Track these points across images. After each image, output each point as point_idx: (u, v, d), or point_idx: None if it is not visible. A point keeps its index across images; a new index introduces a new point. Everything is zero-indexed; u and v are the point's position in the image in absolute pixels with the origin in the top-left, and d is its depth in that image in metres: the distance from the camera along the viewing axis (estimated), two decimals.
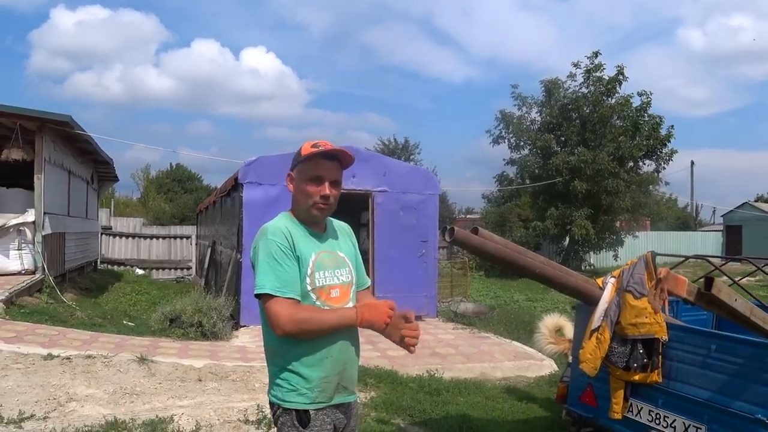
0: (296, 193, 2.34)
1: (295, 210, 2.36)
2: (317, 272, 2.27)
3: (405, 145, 39.62)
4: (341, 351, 2.31)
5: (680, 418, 3.67)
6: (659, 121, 21.53)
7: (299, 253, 2.23)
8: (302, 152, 2.30)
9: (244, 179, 9.65)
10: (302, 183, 2.29)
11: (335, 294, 2.31)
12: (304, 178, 2.29)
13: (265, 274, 2.16)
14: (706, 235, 39.32)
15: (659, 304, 3.57)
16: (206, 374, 6.48)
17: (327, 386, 2.26)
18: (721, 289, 2.59)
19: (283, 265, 2.17)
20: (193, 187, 38.56)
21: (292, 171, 2.35)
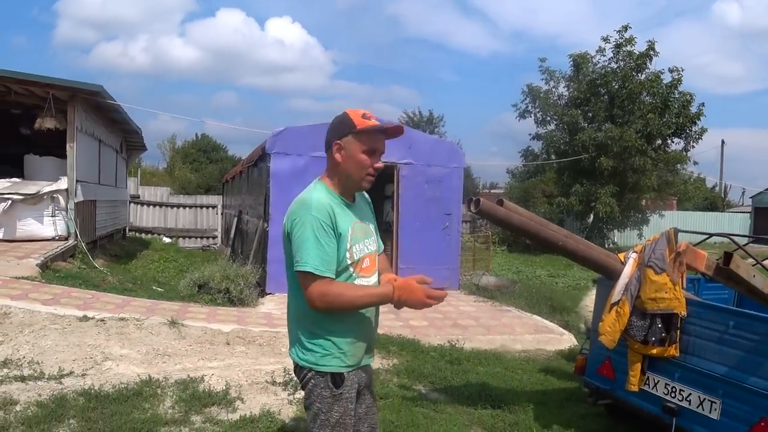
0: (347, 163, 2.34)
1: (338, 179, 2.39)
2: (355, 245, 2.36)
3: (429, 118, 39.47)
4: (371, 317, 2.46)
5: (696, 392, 3.77)
6: (690, 98, 21.11)
7: (340, 229, 2.30)
8: (356, 123, 2.30)
9: (271, 149, 9.79)
10: (358, 154, 2.32)
11: (366, 264, 2.42)
12: (359, 150, 2.32)
13: (308, 251, 2.22)
14: (733, 216, 38.73)
15: (678, 276, 3.64)
16: (234, 338, 6.69)
17: (358, 350, 2.41)
18: (740, 264, 2.65)
19: (324, 246, 2.23)
20: (219, 158, 38.95)
21: (340, 140, 2.33)
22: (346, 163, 2.34)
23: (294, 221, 2.31)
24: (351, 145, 2.32)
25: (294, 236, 2.29)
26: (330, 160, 2.39)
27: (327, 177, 2.42)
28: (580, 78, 22.25)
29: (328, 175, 2.42)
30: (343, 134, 2.33)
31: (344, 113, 2.38)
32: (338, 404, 2.34)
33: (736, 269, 2.60)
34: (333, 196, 2.36)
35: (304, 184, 9.37)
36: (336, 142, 2.34)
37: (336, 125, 2.37)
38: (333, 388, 2.33)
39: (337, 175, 2.39)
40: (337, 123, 2.37)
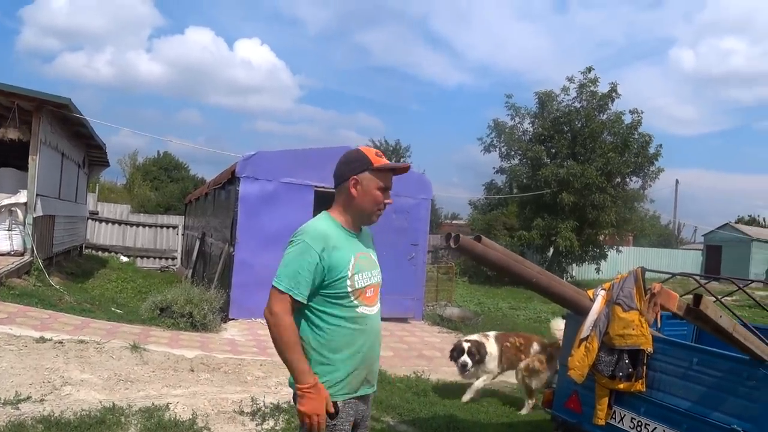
0: (361, 198, 2.43)
1: (352, 213, 2.47)
2: (356, 274, 2.41)
3: (396, 148, 39.78)
4: (372, 347, 2.51)
5: (661, 426, 3.86)
6: (648, 139, 21.89)
7: (336, 257, 2.36)
8: (372, 161, 2.43)
9: (241, 173, 9.76)
10: (373, 190, 2.43)
11: (370, 293, 2.50)
12: (374, 186, 2.43)
13: (286, 270, 2.33)
14: (686, 254, 39.92)
15: (652, 316, 3.76)
16: (198, 365, 6.58)
17: (356, 379, 2.44)
18: (708, 305, 2.77)
19: (302, 270, 2.30)
20: (180, 177, 38.39)
21: (357, 176, 2.42)
22: (361, 198, 2.43)
23: (290, 243, 2.40)
24: (367, 181, 2.42)
25: (283, 256, 2.38)
26: (343, 194, 2.47)
27: (336, 209, 2.50)
28: (544, 115, 22.84)
29: (338, 207, 2.50)
30: (360, 170, 2.42)
31: (358, 150, 2.51)
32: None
33: (705, 310, 2.72)
34: (337, 227, 2.44)
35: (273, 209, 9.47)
36: (353, 177, 2.42)
37: (351, 161, 2.46)
38: (327, 418, 2.34)
39: (350, 209, 2.47)
40: (353, 159, 2.46)
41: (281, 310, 2.30)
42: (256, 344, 8.03)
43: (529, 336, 6.74)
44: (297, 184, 10.03)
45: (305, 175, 10.09)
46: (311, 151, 10.50)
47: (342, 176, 2.46)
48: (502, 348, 6.34)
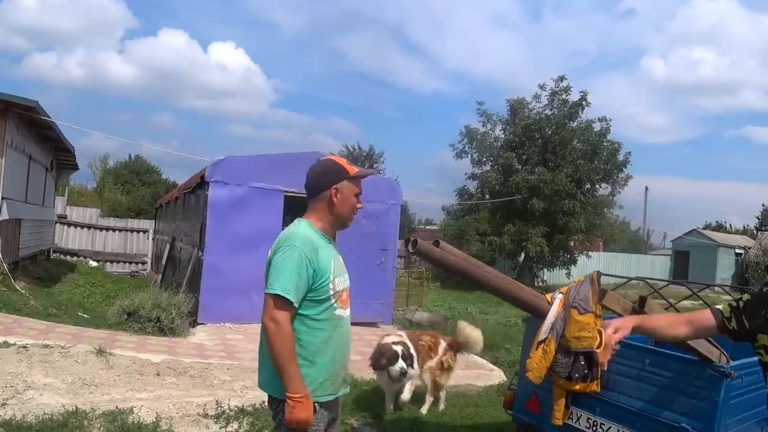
0: (341, 206, 2.59)
1: (329, 219, 2.60)
2: (336, 278, 2.55)
3: (369, 153, 39.88)
4: (347, 347, 2.65)
5: (615, 425, 3.98)
6: (618, 147, 22.34)
7: (322, 262, 2.47)
8: (348, 170, 2.60)
9: (210, 178, 9.74)
10: (351, 197, 2.61)
11: (345, 296, 2.64)
12: (351, 194, 2.61)
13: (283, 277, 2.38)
14: (655, 259, 40.65)
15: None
16: (164, 369, 6.56)
17: (336, 380, 2.56)
18: (653, 307, 2.88)
19: (299, 276, 2.39)
20: (152, 181, 38.06)
21: (337, 185, 2.56)
22: (341, 205, 2.59)
23: (277, 251, 2.46)
24: (346, 189, 2.59)
25: (273, 263, 2.44)
26: (323, 202, 2.59)
27: (314, 216, 2.61)
28: (516, 122, 23.13)
29: (316, 215, 2.61)
30: (339, 179, 2.57)
31: (332, 161, 2.67)
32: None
33: (649, 312, 2.83)
34: (316, 233, 2.56)
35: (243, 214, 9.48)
36: (335, 186, 2.56)
37: (329, 171, 2.60)
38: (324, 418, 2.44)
39: (330, 216, 2.60)
40: (331, 170, 2.60)
41: (283, 318, 2.35)
42: (224, 348, 8.03)
43: (435, 334, 6.58)
44: (267, 189, 10.04)
45: (275, 180, 10.11)
46: (281, 156, 10.52)
47: (321, 186, 2.58)
48: (417, 348, 5.91)
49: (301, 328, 2.45)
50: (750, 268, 29.71)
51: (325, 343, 2.49)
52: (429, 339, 6.18)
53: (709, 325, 2.38)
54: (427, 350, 6.09)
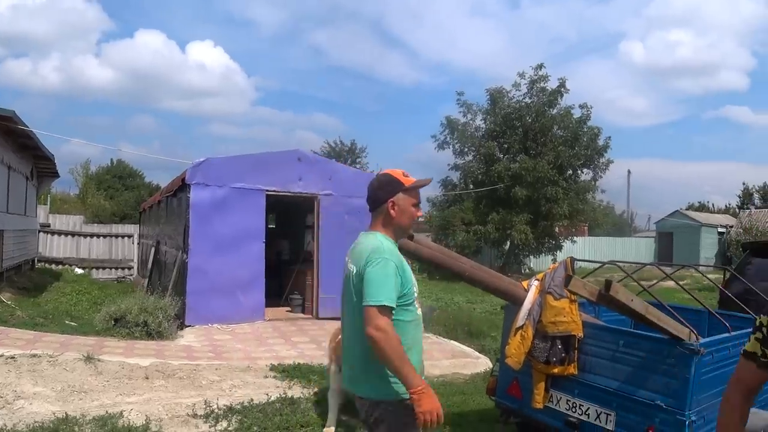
0: (400, 217, 2.74)
1: (393, 229, 2.76)
2: (415, 284, 2.74)
3: (351, 148, 39.90)
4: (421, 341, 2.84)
5: (593, 406, 4.11)
6: (597, 132, 22.54)
7: (406, 270, 2.67)
8: (404, 183, 2.73)
9: (191, 180, 9.76)
10: (409, 207, 2.75)
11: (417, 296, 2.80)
12: (408, 204, 2.75)
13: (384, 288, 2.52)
14: (639, 241, 41.13)
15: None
16: (153, 372, 6.62)
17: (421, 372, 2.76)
18: (618, 290, 2.98)
19: (396, 285, 2.56)
20: (135, 185, 37.85)
21: (393, 198, 2.71)
22: (399, 216, 2.74)
23: (368, 264, 2.58)
24: (402, 201, 2.73)
25: (369, 276, 2.55)
26: (382, 215, 2.75)
27: (381, 228, 2.76)
28: (496, 111, 23.27)
29: (380, 227, 2.76)
30: (394, 192, 2.72)
31: (387, 174, 2.81)
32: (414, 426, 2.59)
33: (615, 295, 2.93)
34: (393, 244, 2.75)
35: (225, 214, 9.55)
36: (390, 200, 2.72)
37: (385, 185, 2.76)
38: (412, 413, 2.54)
39: (391, 227, 2.76)
40: (386, 183, 2.76)
41: (387, 325, 2.48)
42: (212, 349, 8.08)
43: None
44: (248, 189, 10.09)
45: (256, 180, 10.16)
46: (261, 156, 10.57)
47: (379, 200, 2.74)
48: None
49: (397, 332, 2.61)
50: (732, 246, 30.09)
51: (413, 341, 2.68)
52: None
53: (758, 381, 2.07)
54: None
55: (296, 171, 10.56)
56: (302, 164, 10.68)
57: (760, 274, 6.76)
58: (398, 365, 2.47)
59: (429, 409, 2.46)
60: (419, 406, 2.44)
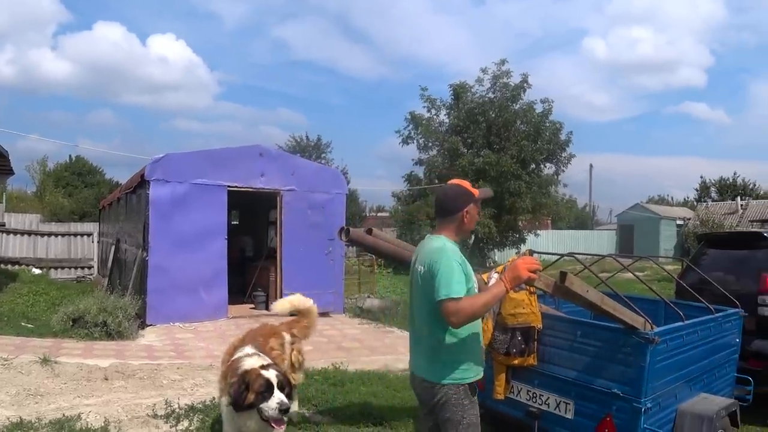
0: (470, 223, 3.14)
1: (458, 234, 3.13)
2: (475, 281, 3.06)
3: (317, 143, 39.67)
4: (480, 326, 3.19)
5: (553, 395, 4.18)
6: (559, 126, 22.81)
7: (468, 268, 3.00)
8: (474, 194, 3.14)
9: (150, 176, 9.58)
10: (475, 216, 3.17)
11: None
12: (475, 212, 3.16)
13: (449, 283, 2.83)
14: (601, 234, 41.89)
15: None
16: (113, 373, 6.49)
17: (481, 359, 3.16)
18: (574, 281, 3.02)
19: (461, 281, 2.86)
20: (95, 181, 37.01)
21: (467, 208, 3.09)
22: (469, 223, 3.14)
23: (434, 264, 2.92)
24: (472, 210, 3.13)
25: (436, 275, 2.87)
26: (455, 222, 3.10)
27: (445, 231, 3.12)
28: (460, 106, 23.36)
29: (449, 231, 3.12)
30: (467, 203, 3.10)
31: (460, 186, 3.17)
32: (474, 408, 3.04)
33: (570, 286, 2.97)
34: (455, 245, 3.07)
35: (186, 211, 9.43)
36: (466, 209, 3.09)
37: (459, 196, 3.12)
38: (471, 396, 3.02)
39: (461, 232, 3.14)
40: (461, 194, 3.13)
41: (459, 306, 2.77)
42: (174, 348, 7.97)
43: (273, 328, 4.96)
44: (210, 185, 9.94)
45: (218, 176, 10.03)
46: (223, 151, 10.43)
47: (454, 209, 3.09)
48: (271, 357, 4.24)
49: None
50: (689, 238, 30.85)
51: (475, 334, 3.07)
52: (275, 341, 4.72)
53: None
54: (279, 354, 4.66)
55: (258, 166, 10.45)
56: (264, 159, 10.57)
57: (714, 264, 6.93)
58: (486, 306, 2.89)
59: (520, 275, 2.83)
60: (516, 280, 2.84)
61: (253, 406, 3.43)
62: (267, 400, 3.40)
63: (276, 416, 3.39)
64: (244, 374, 3.48)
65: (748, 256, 6.52)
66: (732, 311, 5.03)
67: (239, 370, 3.54)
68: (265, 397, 3.41)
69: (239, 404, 3.44)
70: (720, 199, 41.73)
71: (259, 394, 3.41)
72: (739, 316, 5.12)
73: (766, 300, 5.93)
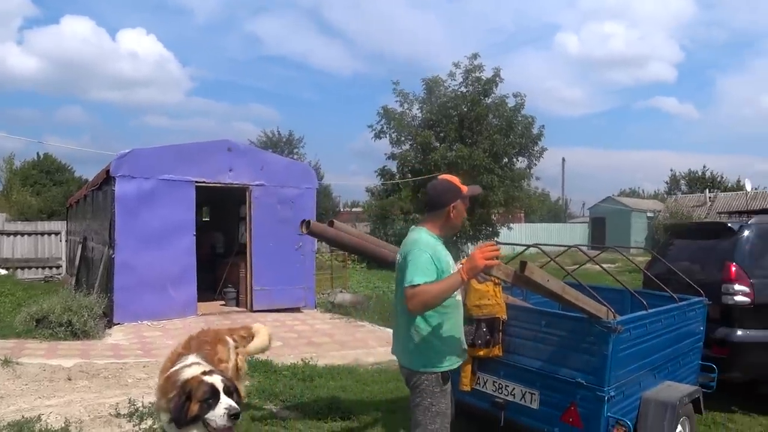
0: (457, 218, 3.25)
1: (443, 228, 3.23)
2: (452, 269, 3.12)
3: (289, 139, 39.37)
4: (462, 324, 3.31)
5: (518, 386, 4.18)
6: (531, 120, 22.94)
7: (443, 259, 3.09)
8: (461, 189, 3.22)
9: (116, 172, 9.39)
10: (462, 211, 3.26)
11: None
12: (463, 208, 3.25)
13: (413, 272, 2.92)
14: (574, 227, 42.37)
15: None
16: (76, 373, 6.37)
17: (460, 351, 3.26)
18: (534, 271, 3.01)
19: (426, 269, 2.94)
20: (63, 179, 36.40)
21: (454, 203, 3.18)
22: (456, 218, 3.25)
23: (407, 254, 3.05)
24: (460, 205, 3.22)
25: (407, 265, 2.98)
26: (441, 217, 3.21)
27: (429, 224, 3.23)
28: (432, 100, 23.36)
29: (431, 224, 3.23)
30: (455, 199, 3.19)
31: (448, 181, 3.26)
32: (445, 397, 3.15)
33: (530, 275, 2.96)
34: (434, 238, 3.18)
35: (153, 207, 9.32)
36: (453, 205, 3.18)
37: (447, 191, 3.21)
38: (442, 384, 3.12)
39: (447, 226, 3.24)
40: (447, 190, 3.22)
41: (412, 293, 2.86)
42: (141, 347, 7.84)
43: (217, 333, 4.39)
44: (177, 181, 9.78)
45: (185, 171, 9.87)
46: (190, 146, 10.27)
47: (440, 204, 3.20)
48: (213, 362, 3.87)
49: (434, 314, 3.09)
50: (659, 230, 31.33)
51: (452, 324, 3.16)
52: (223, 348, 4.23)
53: None
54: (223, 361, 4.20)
55: (227, 161, 10.31)
56: (233, 154, 10.43)
57: (681, 254, 7.01)
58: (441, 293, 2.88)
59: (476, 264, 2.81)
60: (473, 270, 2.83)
61: (198, 418, 2.98)
62: (213, 407, 2.98)
63: (225, 423, 2.98)
64: (184, 384, 3.05)
65: (713, 246, 6.59)
66: (696, 300, 5.09)
67: (178, 382, 3.11)
68: (211, 404, 2.98)
69: (182, 419, 2.98)
70: (689, 191, 42.47)
71: (203, 403, 2.98)
72: (703, 305, 5.18)
73: (729, 289, 5.99)
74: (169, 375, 3.26)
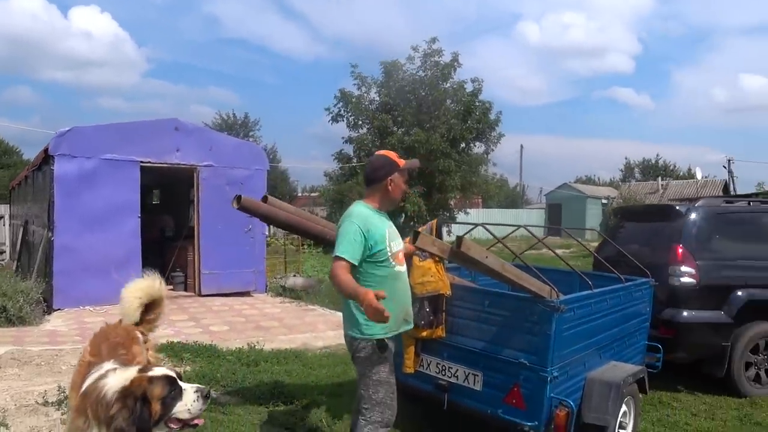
0: (395, 192, 3.35)
1: (382, 202, 3.34)
2: (391, 242, 3.26)
3: (244, 121, 38.72)
4: (405, 294, 3.41)
5: (462, 367, 4.09)
6: (489, 106, 22.98)
7: (377, 232, 3.18)
8: (399, 164, 3.33)
9: (55, 151, 8.98)
10: (402, 184, 3.37)
11: (401, 256, 3.38)
12: (401, 182, 3.37)
13: (342, 244, 3.07)
14: (531, 212, 42.95)
15: None
16: (7, 361, 6.07)
17: (397, 321, 3.29)
18: (471, 247, 2.91)
19: (354, 242, 3.07)
20: (11, 162, 35.25)
21: (391, 176, 3.29)
22: (394, 191, 3.35)
23: (340, 226, 3.19)
24: (397, 179, 3.33)
25: (338, 236, 3.13)
26: (380, 190, 3.32)
27: (368, 199, 3.35)
28: (390, 84, 23.18)
29: (371, 198, 3.35)
30: (392, 172, 3.30)
31: (384, 156, 3.39)
32: (385, 366, 3.25)
33: (467, 251, 2.85)
34: (371, 210, 3.29)
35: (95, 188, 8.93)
36: (390, 178, 3.29)
37: (383, 165, 3.32)
38: (378, 352, 3.19)
39: (386, 200, 3.35)
40: (384, 164, 3.33)
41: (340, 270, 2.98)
42: (80, 332, 7.52)
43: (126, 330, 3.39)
44: (121, 160, 9.41)
45: (129, 151, 9.50)
46: (136, 125, 9.90)
47: (379, 178, 3.30)
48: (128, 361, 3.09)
49: (371, 284, 3.09)
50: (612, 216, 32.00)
51: (391, 293, 3.09)
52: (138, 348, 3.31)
53: None
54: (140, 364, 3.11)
55: (174, 141, 9.96)
56: (180, 134, 10.08)
57: (630, 237, 7.05)
58: (349, 293, 2.93)
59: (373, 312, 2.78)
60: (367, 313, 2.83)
61: (162, 418, 2.51)
62: (179, 398, 2.53)
63: (201, 406, 2.57)
64: (126, 391, 2.44)
65: (661, 228, 6.64)
66: (642, 281, 5.09)
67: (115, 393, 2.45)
68: (175, 396, 2.53)
69: (147, 428, 2.46)
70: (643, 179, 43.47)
71: (166, 398, 2.50)
72: (650, 286, 5.19)
73: (675, 270, 6.04)
74: (86, 391, 2.58)
